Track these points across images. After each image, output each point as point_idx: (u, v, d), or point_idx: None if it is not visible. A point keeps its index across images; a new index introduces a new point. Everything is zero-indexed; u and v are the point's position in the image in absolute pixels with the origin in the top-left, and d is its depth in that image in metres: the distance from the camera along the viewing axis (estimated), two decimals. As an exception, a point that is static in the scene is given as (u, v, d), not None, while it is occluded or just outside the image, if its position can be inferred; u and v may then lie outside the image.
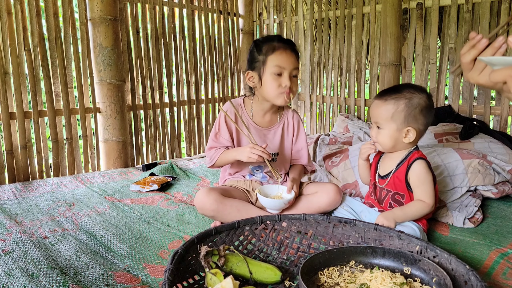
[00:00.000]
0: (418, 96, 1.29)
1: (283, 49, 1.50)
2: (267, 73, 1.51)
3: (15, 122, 2.18)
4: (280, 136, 1.65)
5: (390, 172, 1.39)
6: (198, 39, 3.04)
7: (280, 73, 1.49)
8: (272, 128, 1.65)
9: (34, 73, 2.22)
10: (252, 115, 1.63)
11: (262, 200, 1.46)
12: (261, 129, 1.63)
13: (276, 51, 1.50)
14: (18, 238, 1.39)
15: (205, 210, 1.45)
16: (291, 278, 1.09)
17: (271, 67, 1.49)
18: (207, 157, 1.63)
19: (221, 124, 1.59)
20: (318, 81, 3.15)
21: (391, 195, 1.40)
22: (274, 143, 1.64)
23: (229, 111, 1.59)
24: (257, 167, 1.65)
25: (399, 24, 2.56)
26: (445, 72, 2.47)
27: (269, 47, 1.51)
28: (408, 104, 1.29)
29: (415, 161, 1.33)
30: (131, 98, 2.64)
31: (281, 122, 1.66)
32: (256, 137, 1.59)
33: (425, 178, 1.32)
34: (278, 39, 1.53)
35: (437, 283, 0.96)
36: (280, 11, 3.29)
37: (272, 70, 1.49)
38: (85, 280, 1.11)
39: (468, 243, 1.38)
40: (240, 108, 1.63)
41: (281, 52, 1.49)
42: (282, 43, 1.51)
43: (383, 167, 1.44)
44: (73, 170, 2.42)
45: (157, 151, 2.84)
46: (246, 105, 1.65)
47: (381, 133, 1.35)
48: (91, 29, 2.40)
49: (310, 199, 1.54)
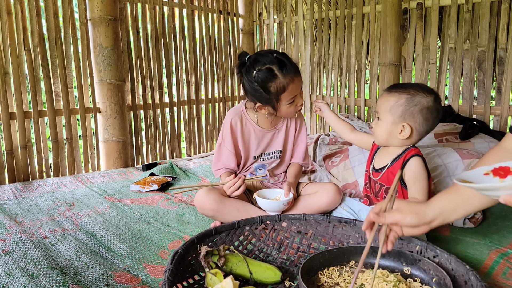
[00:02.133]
0: (422, 95, 1.29)
1: (291, 81, 1.41)
2: (282, 106, 1.48)
3: (15, 122, 2.18)
4: (284, 134, 1.65)
5: (385, 166, 1.40)
6: (198, 39, 3.03)
7: (294, 100, 1.49)
8: (276, 128, 1.65)
9: (34, 73, 2.22)
10: (257, 121, 1.61)
11: (260, 202, 1.47)
12: (265, 131, 1.62)
13: (287, 87, 1.42)
14: (18, 238, 1.39)
15: (205, 209, 1.46)
16: (291, 278, 1.09)
17: (286, 101, 1.46)
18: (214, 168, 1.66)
19: (225, 133, 1.58)
20: (318, 81, 3.15)
21: (384, 189, 1.41)
22: (278, 141, 1.65)
23: (234, 120, 1.57)
24: (260, 165, 1.66)
25: (399, 24, 2.56)
26: (445, 72, 2.47)
27: (278, 85, 1.41)
28: (409, 100, 1.29)
29: (411, 158, 1.34)
30: (131, 98, 2.64)
31: (284, 121, 1.66)
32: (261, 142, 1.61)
33: (420, 175, 1.33)
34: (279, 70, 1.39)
35: (437, 283, 0.96)
36: (280, 11, 3.29)
37: (287, 102, 1.47)
38: (85, 280, 1.11)
39: (468, 243, 1.38)
40: (243, 115, 1.60)
41: (291, 87, 1.42)
42: (286, 75, 1.40)
43: (379, 160, 1.45)
44: (73, 170, 2.42)
45: (157, 151, 2.84)
46: (249, 111, 1.62)
47: (378, 124, 1.36)
48: (91, 29, 2.40)
49: (310, 199, 1.54)
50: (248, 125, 1.60)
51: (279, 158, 1.67)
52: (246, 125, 1.59)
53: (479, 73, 2.37)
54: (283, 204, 1.45)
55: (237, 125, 1.57)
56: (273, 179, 1.69)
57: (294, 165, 1.72)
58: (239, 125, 1.58)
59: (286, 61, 1.42)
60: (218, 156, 1.63)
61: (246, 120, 1.60)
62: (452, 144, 1.98)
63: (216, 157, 1.64)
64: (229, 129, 1.57)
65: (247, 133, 1.60)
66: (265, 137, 1.62)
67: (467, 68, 2.39)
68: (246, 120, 1.60)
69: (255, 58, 1.43)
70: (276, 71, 1.40)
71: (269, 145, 1.64)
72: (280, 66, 1.40)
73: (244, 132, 1.59)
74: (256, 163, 1.66)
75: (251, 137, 1.60)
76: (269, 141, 1.63)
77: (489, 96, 2.34)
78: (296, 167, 1.70)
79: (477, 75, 2.39)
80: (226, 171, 1.61)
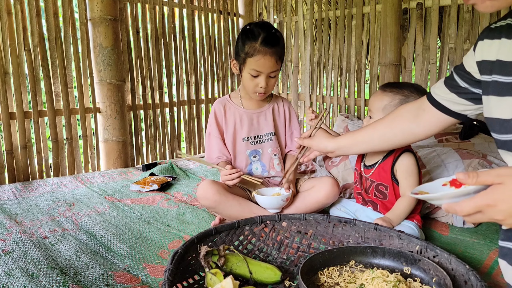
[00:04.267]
0: (416, 97, 1.29)
1: (263, 54, 1.48)
2: (245, 71, 1.54)
3: (15, 122, 2.18)
4: (271, 117, 1.70)
5: (376, 163, 1.40)
6: (198, 39, 3.03)
7: (257, 76, 1.52)
8: (262, 110, 1.69)
9: (34, 73, 2.22)
10: (241, 102, 1.68)
11: (259, 200, 1.47)
12: (251, 112, 1.67)
13: (255, 55, 1.48)
14: (18, 238, 1.39)
15: (207, 200, 1.45)
16: (291, 278, 1.09)
17: (249, 69, 1.52)
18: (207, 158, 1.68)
19: (211, 122, 1.67)
20: (318, 81, 3.15)
21: (375, 185, 1.42)
22: (268, 124, 1.68)
23: (217, 107, 1.66)
24: (253, 151, 1.67)
25: (399, 24, 2.56)
26: (445, 72, 2.47)
27: (250, 48, 1.49)
28: (403, 101, 1.30)
29: (403, 153, 1.35)
30: (131, 98, 2.64)
31: (271, 104, 1.71)
32: (248, 123, 1.65)
33: (412, 170, 1.34)
34: (263, 39, 1.48)
35: (437, 283, 0.96)
36: (280, 11, 3.29)
37: (249, 71, 1.52)
38: (85, 280, 1.11)
39: (468, 243, 1.38)
40: (227, 102, 1.68)
41: (259, 58, 1.48)
42: (263, 46, 1.47)
43: (369, 157, 1.45)
44: (73, 170, 2.42)
45: (157, 151, 2.84)
46: (233, 97, 1.70)
47: (370, 122, 1.36)
48: (91, 29, 2.40)
49: (308, 194, 1.55)
50: (232, 109, 1.67)
51: (272, 140, 1.68)
52: (230, 109, 1.68)
53: (479, 73, 2.36)
54: (282, 200, 1.45)
55: (221, 111, 1.66)
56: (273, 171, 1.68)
57: (290, 158, 1.72)
58: (223, 111, 1.66)
59: (272, 40, 1.50)
60: (210, 146, 1.67)
61: (230, 106, 1.68)
62: (452, 144, 1.98)
63: (207, 148, 1.69)
64: (214, 116, 1.66)
65: (231, 117, 1.66)
66: (253, 118, 1.66)
67: (467, 68, 2.39)
68: (230, 105, 1.68)
69: (262, 21, 1.65)
70: (258, 37, 1.48)
71: (259, 127, 1.67)
72: (265, 37, 1.48)
73: (227, 117, 1.66)
74: (249, 150, 1.66)
75: (236, 120, 1.66)
76: (257, 122, 1.67)
77: (489, 96, 2.33)
78: (292, 160, 1.70)
79: (477, 75, 2.38)
80: (224, 159, 1.64)
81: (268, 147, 1.67)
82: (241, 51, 1.53)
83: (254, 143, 1.66)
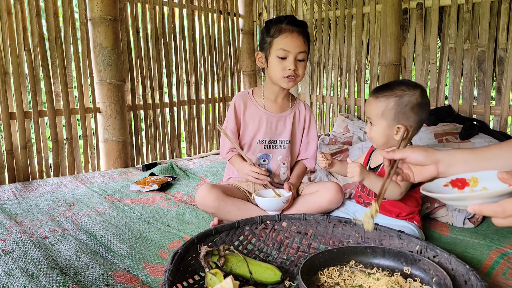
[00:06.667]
0: (409, 94, 1.29)
1: (289, 32, 1.48)
2: (272, 55, 1.51)
3: (15, 122, 2.18)
4: (291, 124, 1.65)
5: (380, 164, 1.40)
6: (198, 39, 3.03)
7: (285, 57, 1.49)
8: (283, 115, 1.64)
9: (34, 73, 2.22)
10: (263, 102, 1.63)
11: (259, 201, 1.45)
12: (271, 115, 1.62)
13: (282, 34, 1.49)
14: (18, 238, 1.39)
15: (206, 206, 1.44)
16: (291, 278, 1.09)
17: (276, 50, 1.49)
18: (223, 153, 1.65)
19: (229, 115, 1.62)
20: (318, 81, 3.15)
21: None
22: (285, 130, 1.64)
23: (238, 102, 1.62)
24: (264, 155, 1.64)
25: (399, 24, 2.56)
26: (445, 72, 2.47)
27: (276, 29, 1.50)
28: (398, 102, 1.29)
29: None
30: (131, 98, 2.64)
31: (292, 110, 1.66)
32: (266, 126, 1.61)
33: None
34: (288, 20, 1.50)
35: (437, 283, 0.96)
36: (280, 11, 3.29)
37: (277, 53, 1.50)
38: (85, 280, 1.11)
39: (468, 243, 1.38)
40: (249, 98, 1.64)
41: (287, 35, 1.48)
42: (290, 25, 1.49)
43: (375, 160, 1.45)
44: (73, 170, 2.42)
45: (157, 151, 2.84)
46: (255, 94, 1.66)
47: (374, 130, 1.36)
48: (91, 29, 2.40)
49: (311, 198, 1.53)
50: (252, 107, 1.62)
51: (285, 148, 1.64)
52: (251, 107, 1.62)
53: (479, 73, 2.37)
54: (282, 202, 1.44)
55: (241, 107, 1.61)
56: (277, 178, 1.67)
57: (300, 166, 1.70)
58: (243, 107, 1.62)
59: (298, 22, 1.52)
60: (224, 140, 1.63)
61: (252, 103, 1.63)
62: (452, 144, 1.98)
63: (222, 141, 1.65)
64: (233, 110, 1.61)
65: (250, 116, 1.62)
66: (272, 122, 1.62)
67: (467, 68, 2.39)
68: (252, 103, 1.63)
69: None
70: (284, 20, 1.51)
71: (277, 132, 1.63)
72: (290, 19, 1.52)
73: (246, 114, 1.62)
74: (261, 153, 1.64)
75: (255, 120, 1.61)
76: (276, 126, 1.63)
77: (489, 96, 2.34)
78: (301, 168, 1.69)
79: (477, 75, 2.39)
80: (237, 153, 1.61)
81: (279, 154, 1.64)
82: (267, 36, 1.52)
83: (268, 147, 1.64)
